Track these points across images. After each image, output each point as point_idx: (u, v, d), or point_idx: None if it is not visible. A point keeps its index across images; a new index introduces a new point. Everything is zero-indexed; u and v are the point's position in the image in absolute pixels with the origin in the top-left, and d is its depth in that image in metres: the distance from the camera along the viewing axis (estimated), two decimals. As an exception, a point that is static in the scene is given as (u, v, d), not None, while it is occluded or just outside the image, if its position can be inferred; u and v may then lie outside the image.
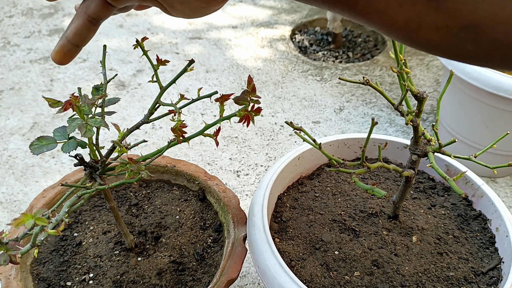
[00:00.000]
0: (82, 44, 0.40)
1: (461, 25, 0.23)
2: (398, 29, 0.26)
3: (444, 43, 0.25)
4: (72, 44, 0.39)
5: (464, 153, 0.59)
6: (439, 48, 0.25)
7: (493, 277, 0.53)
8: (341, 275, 0.52)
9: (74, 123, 0.41)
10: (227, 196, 0.64)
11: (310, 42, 1.53)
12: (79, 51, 0.40)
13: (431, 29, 0.24)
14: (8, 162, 1.00)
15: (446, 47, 0.25)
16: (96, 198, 0.67)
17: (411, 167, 0.52)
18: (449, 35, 0.24)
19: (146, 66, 1.36)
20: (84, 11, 0.39)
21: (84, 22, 0.39)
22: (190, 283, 0.56)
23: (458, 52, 0.25)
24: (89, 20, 0.39)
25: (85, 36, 0.39)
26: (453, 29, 0.24)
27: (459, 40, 0.24)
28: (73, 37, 0.39)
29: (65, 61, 0.40)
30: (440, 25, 0.24)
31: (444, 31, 0.24)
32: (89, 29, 0.39)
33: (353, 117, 1.18)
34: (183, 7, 0.38)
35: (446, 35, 0.24)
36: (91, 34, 0.40)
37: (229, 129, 1.12)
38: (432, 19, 0.24)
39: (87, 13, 0.38)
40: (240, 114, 0.44)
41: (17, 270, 0.53)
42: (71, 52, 0.40)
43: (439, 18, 0.24)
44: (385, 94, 0.49)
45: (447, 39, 0.24)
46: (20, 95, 1.22)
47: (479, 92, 0.86)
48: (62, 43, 0.39)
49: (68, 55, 0.40)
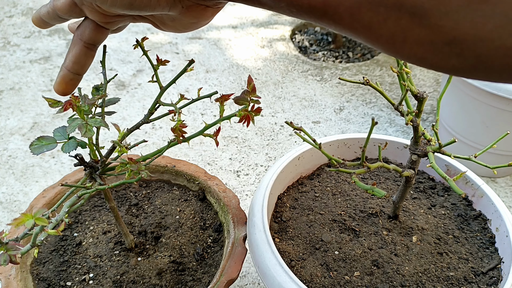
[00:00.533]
0: (82, 71, 0.40)
1: (445, 40, 0.23)
2: (384, 43, 0.26)
3: (430, 56, 0.25)
4: (72, 73, 0.39)
5: (464, 153, 0.59)
6: (425, 61, 0.26)
7: (493, 277, 0.53)
8: (341, 275, 0.52)
9: (74, 123, 0.41)
10: (227, 196, 0.64)
11: (310, 42, 1.54)
12: (80, 79, 0.41)
13: (416, 44, 0.25)
14: (8, 162, 1.00)
15: (432, 61, 0.25)
16: (96, 198, 0.67)
17: (411, 167, 0.52)
18: (434, 50, 0.24)
19: (146, 66, 1.36)
20: (79, 38, 0.39)
21: (81, 49, 0.39)
22: (190, 283, 0.56)
23: (444, 66, 0.25)
24: (86, 46, 0.39)
25: (84, 63, 0.40)
26: (437, 44, 0.24)
27: (444, 54, 0.24)
28: (72, 66, 0.39)
29: (68, 91, 0.40)
30: (425, 40, 0.24)
31: (429, 46, 0.24)
32: (87, 55, 0.39)
33: (353, 117, 1.18)
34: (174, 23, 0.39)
35: (430, 49, 0.24)
36: (89, 60, 0.40)
37: (229, 129, 1.12)
38: (416, 34, 0.24)
39: (83, 39, 0.39)
40: (240, 114, 0.44)
41: (17, 270, 0.53)
42: (73, 81, 0.40)
43: (423, 34, 0.24)
44: (385, 94, 0.49)
45: (432, 53, 0.25)
46: (20, 95, 1.22)
47: (479, 92, 0.86)
48: (62, 74, 0.39)
49: (70, 85, 0.40)
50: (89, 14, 0.37)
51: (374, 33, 0.26)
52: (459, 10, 0.22)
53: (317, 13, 0.27)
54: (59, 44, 1.45)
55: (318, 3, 0.27)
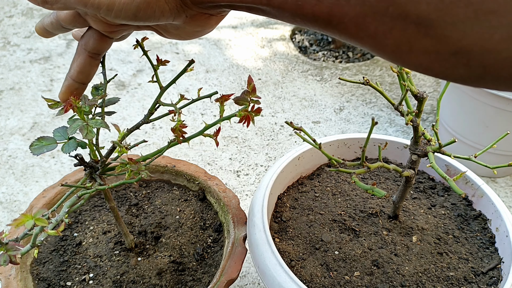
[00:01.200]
0: (87, 80, 0.40)
1: (452, 51, 0.23)
2: (390, 52, 0.26)
3: (436, 66, 0.25)
4: (78, 82, 0.40)
5: (464, 153, 0.59)
6: (431, 71, 0.26)
7: (493, 277, 0.53)
8: (341, 275, 0.52)
9: (75, 124, 0.41)
10: (227, 196, 0.64)
11: (310, 42, 1.54)
12: (85, 88, 0.41)
13: (422, 53, 0.24)
14: (8, 162, 1.00)
15: (438, 70, 0.25)
16: (96, 198, 0.67)
17: (411, 167, 0.52)
18: (440, 60, 0.24)
19: (146, 66, 1.36)
20: (83, 48, 0.39)
21: (86, 59, 0.39)
22: (190, 283, 0.56)
23: (450, 75, 0.25)
24: (90, 56, 0.39)
25: (88, 72, 0.40)
26: (443, 54, 0.24)
27: (450, 64, 0.24)
28: (77, 75, 0.40)
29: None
30: (431, 50, 0.24)
31: (435, 56, 0.24)
32: (91, 64, 0.40)
33: (353, 117, 1.18)
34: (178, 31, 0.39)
35: (437, 59, 0.24)
36: (94, 69, 0.40)
37: (229, 129, 1.12)
38: (422, 44, 0.24)
39: (87, 49, 0.39)
40: (240, 114, 0.44)
41: (17, 270, 0.53)
42: (78, 90, 0.40)
43: (428, 44, 0.24)
44: (385, 94, 0.49)
45: (438, 63, 0.24)
46: (20, 95, 1.22)
47: (479, 92, 0.86)
48: (67, 83, 0.40)
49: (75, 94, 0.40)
50: (93, 24, 0.37)
51: (380, 42, 0.26)
52: (466, 21, 0.22)
53: (321, 23, 0.27)
54: (59, 44, 1.45)
55: (322, 13, 0.27)
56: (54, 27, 0.40)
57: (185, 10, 0.35)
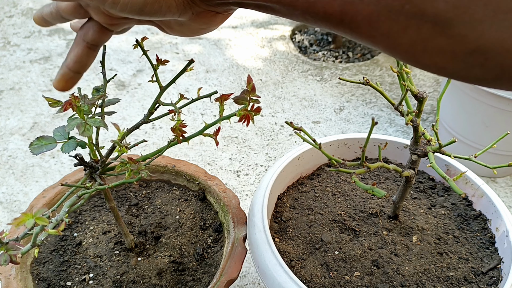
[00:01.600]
0: (83, 70, 0.40)
1: (468, 50, 0.23)
2: (403, 52, 0.25)
3: (451, 66, 0.24)
4: (73, 71, 0.40)
5: (464, 153, 0.59)
6: (446, 71, 0.25)
7: (493, 277, 0.53)
8: (341, 275, 0.52)
9: (73, 122, 0.41)
10: (227, 196, 0.64)
11: (310, 42, 1.54)
12: (80, 77, 0.41)
13: (437, 53, 0.24)
14: (8, 162, 1.00)
15: (453, 70, 0.25)
16: (96, 198, 0.67)
17: (411, 167, 0.52)
18: (456, 59, 0.24)
19: (146, 66, 1.36)
20: (82, 38, 0.39)
21: (83, 49, 0.39)
22: (190, 283, 0.56)
23: (465, 75, 0.25)
24: (88, 47, 0.39)
25: (85, 62, 0.40)
26: (459, 54, 0.23)
27: (466, 64, 0.24)
28: (73, 65, 0.39)
29: (68, 88, 0.40)
30: (446, 50, 0.23)
31: (451, 55, 0.24)
32: (88, 55, 0.39)
33: (353, 117, 1.18)
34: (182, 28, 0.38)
35: (452, 59, 0.24)
36: (91, 60, 0.40)
37: (229, 129, 1.12)
38: (438, 43, 0.23)
39: (86, 40, 0.39)
40: (240, 113, 0.44)
41: (17, 270, 0.53)
42: (72, 79, 0.40)
43: (445, 43, 0.23)
44: (385, 94, 0.49)
45: (453, 63, 0.24)
46: (20, 95, 1.22)
47: (479, 92, 0.86)
48: (63, 72, 0.40)
49: (70, 83, 0.40)
50: (95, 16, 0.37)
51: (393, 42, 0.25)
52: (484, 20, 0.21)
53: (333, 21, 0.27)
54: (59, 44, 1.45)
55: (334, 11, 0.26)
56: (54, 17, 0.39)
57: (192, 7, 0.35)
